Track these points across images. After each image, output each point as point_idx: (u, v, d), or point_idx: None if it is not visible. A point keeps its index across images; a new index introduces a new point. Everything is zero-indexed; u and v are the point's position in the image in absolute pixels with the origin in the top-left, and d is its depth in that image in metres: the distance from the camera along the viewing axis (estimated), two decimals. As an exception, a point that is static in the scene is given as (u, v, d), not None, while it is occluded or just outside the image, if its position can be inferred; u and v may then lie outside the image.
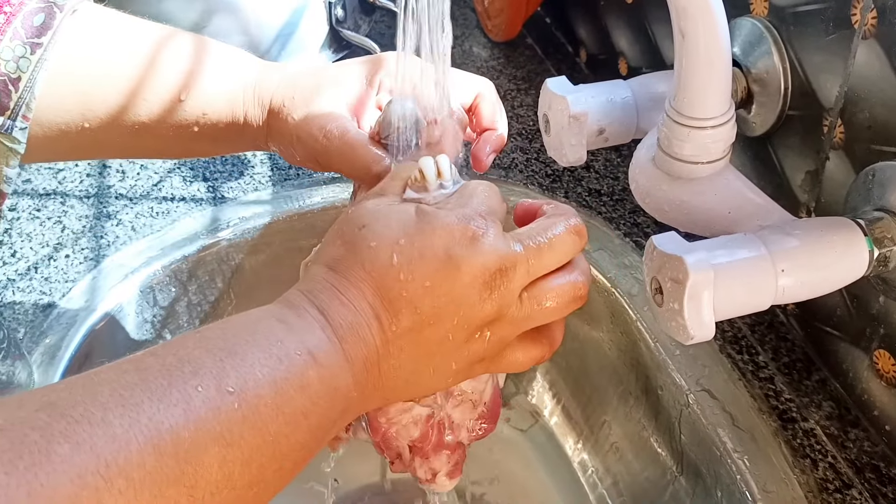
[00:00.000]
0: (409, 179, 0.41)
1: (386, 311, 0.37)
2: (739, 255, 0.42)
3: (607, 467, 0.68)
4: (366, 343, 0.37)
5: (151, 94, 0.48)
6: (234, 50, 0.53)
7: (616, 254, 0.67)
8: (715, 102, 0.46)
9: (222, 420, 0.30)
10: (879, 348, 0.50)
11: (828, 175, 0.52)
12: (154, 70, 0.48)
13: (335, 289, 0.37)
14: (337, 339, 0.36)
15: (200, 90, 0.49)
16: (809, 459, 0.52)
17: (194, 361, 0.31)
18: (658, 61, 0.71)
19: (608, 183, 0.74)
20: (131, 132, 0.49)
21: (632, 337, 0.63)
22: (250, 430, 0.31)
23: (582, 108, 0.53)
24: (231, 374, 0.31)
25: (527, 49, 0.94)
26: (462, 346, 0.38)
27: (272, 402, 0.32)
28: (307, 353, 0.34)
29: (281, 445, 0.32)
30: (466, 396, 0.46)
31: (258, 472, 0.31)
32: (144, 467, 0.27)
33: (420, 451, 0.47)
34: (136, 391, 0.29)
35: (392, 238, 0.37)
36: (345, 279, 0.37)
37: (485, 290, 0.37)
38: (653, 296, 0.44)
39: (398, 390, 0.39)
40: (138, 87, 0.47)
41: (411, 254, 0.37)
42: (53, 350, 0.61)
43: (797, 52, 0.52)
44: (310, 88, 0.49)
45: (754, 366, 0.58)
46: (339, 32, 0.85)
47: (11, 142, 0.44)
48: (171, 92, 0.48)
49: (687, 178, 0.48)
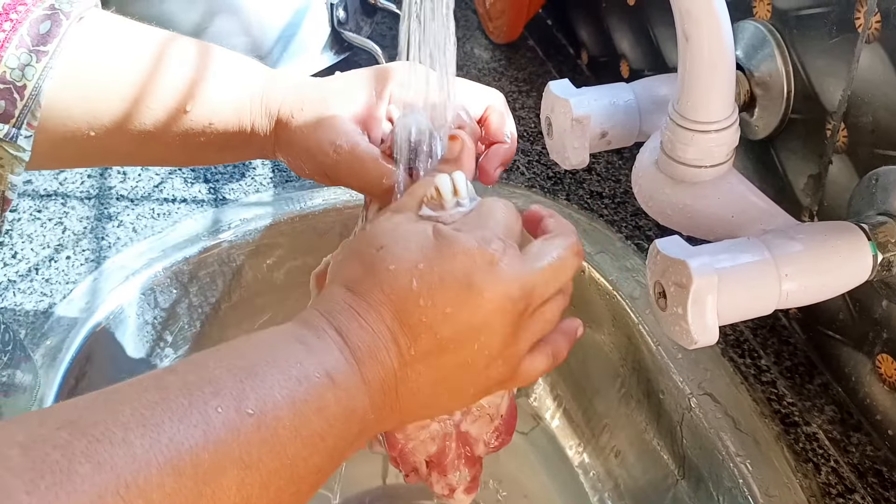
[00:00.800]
0: (425, 197, 0.41)
1: (405, 336, 0.37)
2: (743, 260, 0.42)
3: (609, 471, 0.68)
4: (384, 366, 0.36)
5: (157, 102, 0.48)
6: (241, 57, 0.52)
7: (617, 257, 0.67)
8: (719, 106, 0.45)
9: (241, 442, 0.30)
10: (882, 352, 0.50)
11: (831, 179, 0.52)
12: (160, 78, 0.47)
13: (354, 311, 0.37)
14: (355, 362, 0.36)
15: (206, 99, 0.49)
16: (812, 464, 0.52)
17: (215, 382, 0.31)
18: (660, 64, 0.71)
19: (610, 185, 0.74)
20: (137, 140, 0.48)
21: (633, 340, 0.63)
22: (269, 453, 0.31)
23: (585, 111, 0.53)
24: (251, 395, 0.31)
25: (528, 51, 0.94)
26: (482, 372, 0.39)
27: (290, 425, 0.32)
28: (325, 375, 0.34)
29: (298, 468, 0.32)
30: (484, 411, 0.46)
31: (276, 495, 0.31)
32: (164, 489, 0.27)
33: (437, 466, 0.46)
34: (157, 411, 0.29)
35: (411, 262, 0.37)
36: (364, 302, 0.37)
37: (506, 317, 0.38)
38: (656, 300, 0.44)
39: (415, 412, 0.39)
40: (144, 95, 0.47)
41: (431, 279, 0.37)
42: (54, 352, 0.61)
43: (800, 55, 0.52)
44: (318, 100, 0.48)
45: (756, 370, 0.58)
46: (341, 34, 0.84)
47: (16, 150, 0.43)
48: (177, 100, 0.48)
49: (690, 182, 0.48)
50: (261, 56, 0.80)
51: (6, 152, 0.43)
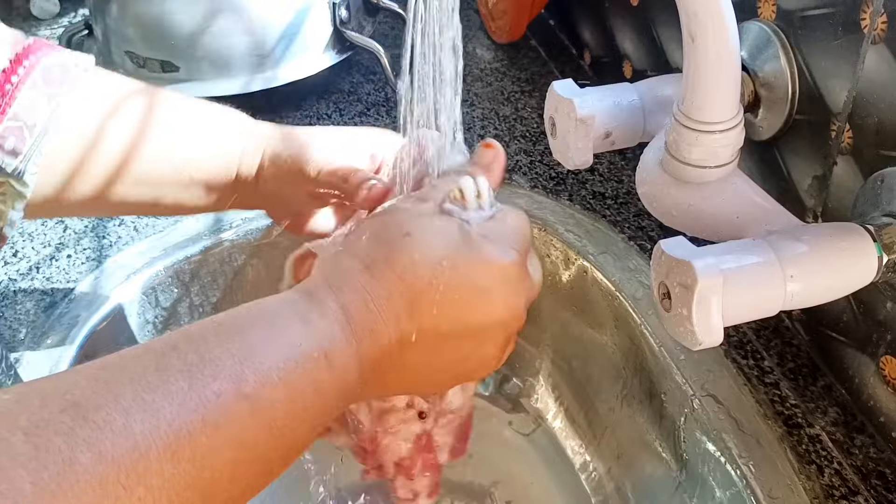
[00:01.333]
0: (449, 195, 0.41)
1: (410, 324, 0.38)
2: (748, 261, 0.42)
3: (610, 472, 0.67)
4: (381, 348, 0.37)
5: (146, 158, 0.49)
6: (226, 111, 0.55)
7: (620, 257, 0.66)
8: (724, 106, 0.45)
9: (237, 425, 0.31)
10: (886, 354, 0.50)
11: (835, 180, 0.52)
12: (150, 134, 0.49)
13: (366, 291, 0.37)
14: (354, 340, 0.36)
15: (193, 154, 0.51)
16: (815, 465, 0.52)
17: (214, 363, 0.31)
18: (663, 64, 0.71)
19: (612, 186, 0.74)
20: (123, 192, 0.50)
21: (636, 341, 0.63)
22: (263, 432, 0.32)
23: (589, 111, 0.53)
24: (249, 378, 0.32)
25: (530, 51, 0.94)
26: (473, 371, 0.42)
27: (285, 405, 0.33)
28: (324, 356, 0.35)
29: (288, 439, 0.33)
30: (457, 415, 0.47)
31: (266, 465, 0.33)
32: (163, 474, 0.28)
33: (405, 470, 0.47)
34: (157, 395, 0.29)
35: (435, 257, 0.38)
36: (379, 284, 0.38)
37: (507, 329, 0.40)
38: (660, 301, 0.44)
39: (396, 390, 0.42)
40: (133, 150, 0.49)
41: (451, 278, 0.38)
42: (55, 351, 0.60)
43: (805, 56, 0.52)
44: (304, 139, 0.52)
45: (760, 371, 0.58)
46: (343, 33, 0.84)
47: (21, 185, 0.44)
48: (164, 155, 0.50)
49: (695, 183, 0.48)
50: (263, 55, 0.80)
51: (11, 188, 0.44)
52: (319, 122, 0.83)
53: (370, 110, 0.85)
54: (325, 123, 0.83)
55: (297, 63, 0.82)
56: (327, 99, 0.87)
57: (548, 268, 0.71)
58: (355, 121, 0.84)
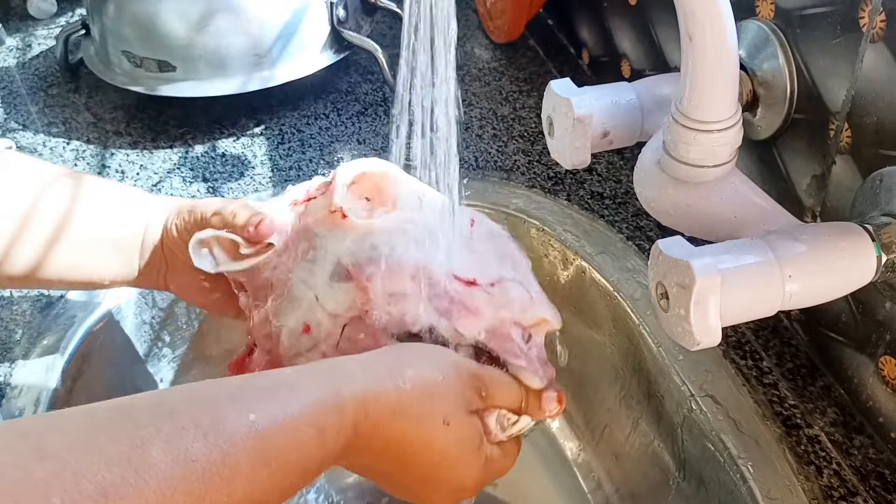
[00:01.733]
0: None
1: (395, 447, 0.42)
2: (746, 261, 0.42)
3: (609, 472, 0.67)
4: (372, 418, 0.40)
5: (28, 247, 0.52)
6: (121, 189, 0.58)
7: (618, 257, 0.66)
8: (722, 106, 0.45)
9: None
10: (885, 354, 0.50)
11: (834, 179, 0.52)
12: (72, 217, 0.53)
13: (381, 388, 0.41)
14: (355, 434, 0.40)
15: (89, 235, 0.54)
16: (814, 466, 0.52)
17: (232, 467, 0.34)
18: (661, 63, 0.70)
19: (611, 186, 0.74)
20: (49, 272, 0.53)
21: (634, 341, 0.62)
22: None
23: (586, 110, 0.53)
24: (259, 485, 0.34)
25: (529, 51, 0.94)
26: None
27: (282, 498, 0.36)
28: (331, 458, 0.39)
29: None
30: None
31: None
32: None
33: None
34: (189, 485, 0.32)
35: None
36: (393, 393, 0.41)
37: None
38: (658, 301, 0.43)
39: (372, 469, 0.45)
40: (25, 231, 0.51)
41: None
42: (51, 352, 0.60)
43: (804, 55, 0.52)
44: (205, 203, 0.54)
45: (758, 371, 0.58)
46: (341, 33, 0.84)
47: None
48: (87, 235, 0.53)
49: (693, 182, 0.48)
50: (260, 55, 0.80)
51: None
52: (317, 121, 0.83)
53: (368, 110, 0.85)
54: (323, 123, 0.83)
55: (295, 63, 0.82)
56: (325, 99, 0.86)
57: (546, 268, 0.70)
58: (353, 120, 0.83)
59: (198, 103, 0.83)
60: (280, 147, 0.80)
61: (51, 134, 0.82)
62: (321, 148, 0.79)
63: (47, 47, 0.96)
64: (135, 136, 0.82)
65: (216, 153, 0.79)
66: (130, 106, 0.86)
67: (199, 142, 0.81)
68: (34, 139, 0.81)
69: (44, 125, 0.83)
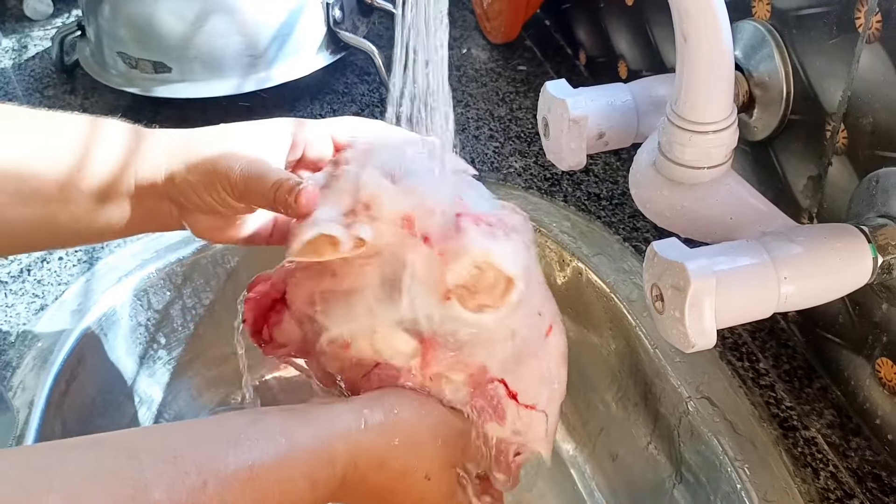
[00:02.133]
0: None
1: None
2: (741, 262, 0.42)
3: (605, 474, 0.67)
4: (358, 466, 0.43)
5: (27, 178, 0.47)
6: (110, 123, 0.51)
7: (615, 259, 0.66)
8: (717, 107, 0.45)
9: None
10: (882, 356, 0.50)
11: (830, 181, 0.51)
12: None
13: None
14: (342, 484, 0.42)
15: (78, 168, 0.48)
16: (810, 468, 0.51)
17: None
18: (658, 64, 0.70)
19: (607, 187, 0.74)
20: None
21: (631, 343, 0.62)
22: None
23: (582, 111, 0.53)
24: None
25: (526, 51, 0.93)
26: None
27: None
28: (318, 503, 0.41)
29: None
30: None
31: None
32: None
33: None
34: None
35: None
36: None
37: None
38: (653, 303, 0.43)
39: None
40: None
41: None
42: (46, 353, 0.60)
43: (800, 55, 0.51)
44: (217, 139, 0.49)
45: (755, 373, 0.57)
46: (337, 34, 0.84)
47: None
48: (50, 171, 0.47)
49: (688, 184, 0.48)
50: (256, 56, 0.80)
51: None
52: (313, 123, 0.83)
53: (364, 111, 0.85)
54: (319, 124, 0.83)
55: (291, 64, 0.82)
56: (321, 100, 0.86)
57: (542, 269, 0.70)
58: (349, 122, 0.83)
59: (194, 104, 0.83)
60: (276, 148, 0.80)
61: (46, 135, 0.82)
62: (317, 149, 0.79)
63: (43, 48, 0.96)
64: (130, 138, 0.82)
65: (212, 154, 0.79)
66: (126, 107, 0.85)
67: (195, 143, 0.81)
68: (30, 140, 0.81)
69: (39, 126, 0.83)
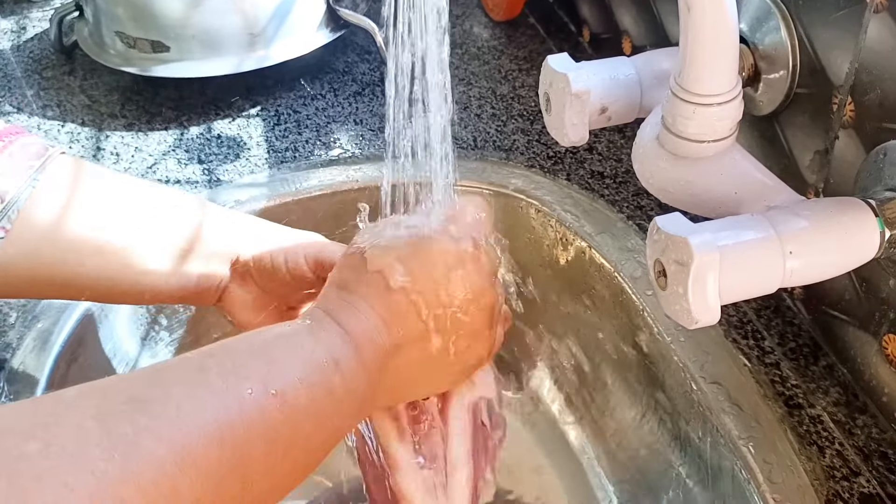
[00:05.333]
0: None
1: (395, 321, 0.43)
2: (746, 237, 0.41)
3: (609, 453, 0.67)
4: (377, 347, 0.43)
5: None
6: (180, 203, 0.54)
7: (618, 237, 0.65)
8: (721, 78, 0.44)
9: (267, 420, 0.35)
10: (889, 333, 0.49)
11: (837, 154, 0.50)
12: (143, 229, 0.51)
13: (349, 304, 0.43)
14: (354, 347, 0.41)
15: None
16: (816, 446, 0.51)
17: (245, 366, 0.37)
18: (663, 39, 0.69)
19: (611, 165, 0.73)
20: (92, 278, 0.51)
21: (634, 321, 0.62)
22: (288, 430, 0.36)
23: (584, 85, 0.52)
24: (276, 380, 0.37)
25: (528, 28, 0.92)
26: (469, 350, 0.47)
27: (307, 406, 0.38)
28: (332, 361, 0.40)
29: (311, 442, 0.39)
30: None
31: (292, 465, 0.37)
32: (209, 458, 0.32)
33: None
34: (202, 392, 0.34)
35: (386, 261, 0.44)
36: (355, 296, 0.44)
37: (482, 302, 0.46)
38: (656, 279, 0.43)
39: (404, 389, 0.47)
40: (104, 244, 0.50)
41: (410, 273, 0.44)
42: (46, 335, 0.60)
43: (806, 27, 0.50)
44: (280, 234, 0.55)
45: (760, 351, 0.57)
46: (337, 11, 0.83)
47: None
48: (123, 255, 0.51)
49: (692, 158, 0.47)
50: (254, 34, 0.79)
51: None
52: (313, 102, 0.82)
53: (365, 90, 0.84)
54: (320, 103, 0.82)
55: (290, 42, 0.81)
56: (321, 79, 0.85)
57: (545, 248, 0.70)
58: (350, 101, 0.82)
59: (192, 84, 0.82)
60: (276, 128, 0.79)
61: (46, 117, 0.81)
62: (318, 129, 0.78)
63: (42, 29, 0.95)
64: (129, 118, 0.81)
65: (211, 135, 0.79)
66: (125, 87, 0.85)
67: (194, 123, 0.80)
68: (29, 122, 0.81)
69: (39, 108, 0.83)
